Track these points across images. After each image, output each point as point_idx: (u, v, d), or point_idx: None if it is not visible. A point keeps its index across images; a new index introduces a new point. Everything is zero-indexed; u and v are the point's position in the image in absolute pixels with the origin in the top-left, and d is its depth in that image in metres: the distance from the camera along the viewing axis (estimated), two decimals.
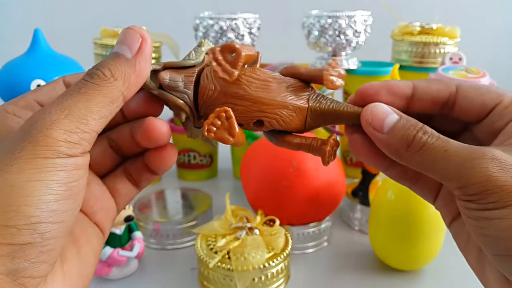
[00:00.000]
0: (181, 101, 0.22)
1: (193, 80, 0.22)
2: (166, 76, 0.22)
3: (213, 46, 0.23)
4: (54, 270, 0.19)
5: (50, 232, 0.17)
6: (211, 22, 0.66)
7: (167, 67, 0.23)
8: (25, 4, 1.09)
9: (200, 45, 0.23)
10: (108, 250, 0.44)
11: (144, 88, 0.22)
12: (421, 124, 0.20)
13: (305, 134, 0.24)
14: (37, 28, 0.49)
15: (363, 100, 0.23)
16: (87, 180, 0.20)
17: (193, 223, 0.53)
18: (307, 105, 0.22)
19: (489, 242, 0.18)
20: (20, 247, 0.16)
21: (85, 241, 0.22)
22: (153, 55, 0.66)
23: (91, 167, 0.23)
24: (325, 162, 0.23)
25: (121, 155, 0.25)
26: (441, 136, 0.20)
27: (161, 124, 0.22)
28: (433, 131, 0.20)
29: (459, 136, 0.24)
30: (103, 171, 0.24)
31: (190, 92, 0.22)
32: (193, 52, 0.23)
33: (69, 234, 0.19)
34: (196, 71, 0.23)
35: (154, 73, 0.22)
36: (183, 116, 0.23)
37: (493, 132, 0.21)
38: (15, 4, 1.09)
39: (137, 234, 0.48)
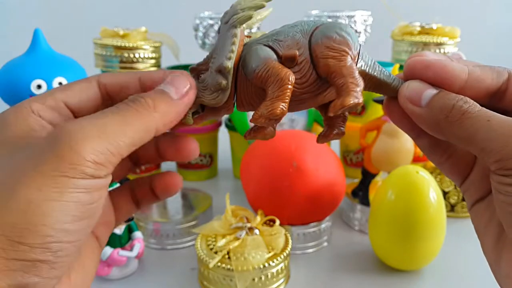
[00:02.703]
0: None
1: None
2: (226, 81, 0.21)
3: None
4: (62, 282, 0.19)
5: (63, 251, 0.17)
6: (211, 22, 0.66)
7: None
8: (25, 4, 1.09)
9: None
10: (108, 250, 0.44)
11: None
12: (461, 95, 0.20)
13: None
14: (37, 28, 0.49)
15: (411, 74, 0.22)
16: None
17: (193, 223, 0.53)
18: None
19: None
20: (32, 263, 0.16)
21: (88, 254, 0.22)
22: (153, 55, 0.66)
23: None
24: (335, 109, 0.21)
25: (135, 163, 0.25)
26: (483, 108, 0.19)
27: (194, 144, 0.24)
28: (475, 102, 0.19)
29: None
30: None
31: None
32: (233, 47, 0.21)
33: (80, 251, 0.19)
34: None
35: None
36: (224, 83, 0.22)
37: None
38: (15, 4, 1.09)
39: (137, 234, 0.48)
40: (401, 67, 0.70)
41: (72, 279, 0.20)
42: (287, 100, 0.20)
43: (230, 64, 0.21)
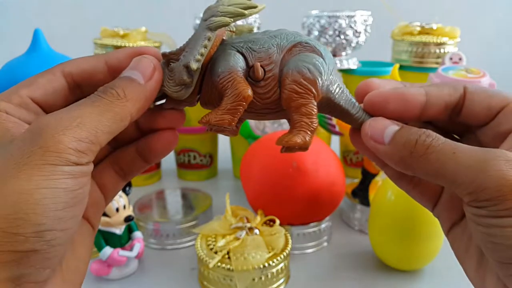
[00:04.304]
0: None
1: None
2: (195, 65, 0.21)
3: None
4: (55, 271, 0.19)
5: (56, 239, 0.17)
6: None
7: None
8: (25, 4, 1.09)
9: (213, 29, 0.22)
10: (108, 250, 0.44)
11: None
12: (424, 129, 0.20)
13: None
14: (37, 28, 0.49)
15: (372, 110, 0.22)
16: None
17: (193, 223, 0.53)
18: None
19: (499, 251, 0.18)
20: (26, 254, 0.16)
21: (80, 240, 0.22)
22: None
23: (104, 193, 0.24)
24: (282, 149, 0.22)
25: (113, 145, 0.25)
26: (447, 139, 0.19)
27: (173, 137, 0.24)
28: (438, 135, 0.19)
29: (461, 140, 0.23)
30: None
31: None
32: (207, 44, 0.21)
33: (72, 239, 0.19)
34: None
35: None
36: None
37: (498, 136, 0.20)
38: (15, 4, 1.09)
39: (137, 234, 0.48)
40: (401, 67, 0.70)
41: (64, 266, 0.20)
42: (237, 116, 0.21)
43: (196, 66, 0.21)
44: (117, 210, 0.44)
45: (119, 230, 0.45)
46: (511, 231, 0.17)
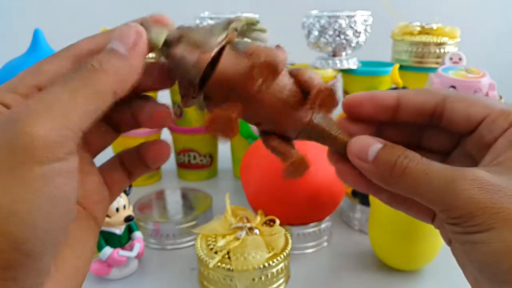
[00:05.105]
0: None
1: (210, 57, 0.20)
2: (179, 52, 0.20)
3: (243, 22, 0.22)
4: (50, 274, 0.18)
5: (37, 250, 0.16)
6: (211, 22, 0.66)
7: (184, 41, 0.21)
8: (25, 4, 1.09)
9: (229, 22, 0.22)
10: (108, 250, 0.44)
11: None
12: (403, 149, 0.20)
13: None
14: (37, 28, 0.49)
15: (348, 112, 0.23)
16: (88, 171, 0.20)
17: (193, 223, 0.53)
18: (308, 120, 0.22)
19: (477, 267, 0.18)
20: (7, 268, 0.15)
21: (82, 239, 0.21)
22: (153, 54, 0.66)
23: (91, 152, 0.23)
24: (283, 175, 0.23)
25: (117, 130, 0.24)
26: (424, 159, 0.20)
27: (163, 108, 0.23)
28: (416, 154, 0.20)
29: (452, 150, 0.24)
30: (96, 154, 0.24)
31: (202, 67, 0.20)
32: (220, 28, 0.21)
33: (61, 243, 0.17)
34: (217, 49, 0.21)
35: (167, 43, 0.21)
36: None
37: (483, 146, 0.21)
38: (15, 4, 1.09)
39: (137, 234, 0.48)
40: (401, 67, 0.70)
41: (65, 267, 0.19)
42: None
43: (184, 107, 0.22)
44: (117, 210, 0.44)
45: (119, 230, 0.45)
46: (480, 247, 0.17)
